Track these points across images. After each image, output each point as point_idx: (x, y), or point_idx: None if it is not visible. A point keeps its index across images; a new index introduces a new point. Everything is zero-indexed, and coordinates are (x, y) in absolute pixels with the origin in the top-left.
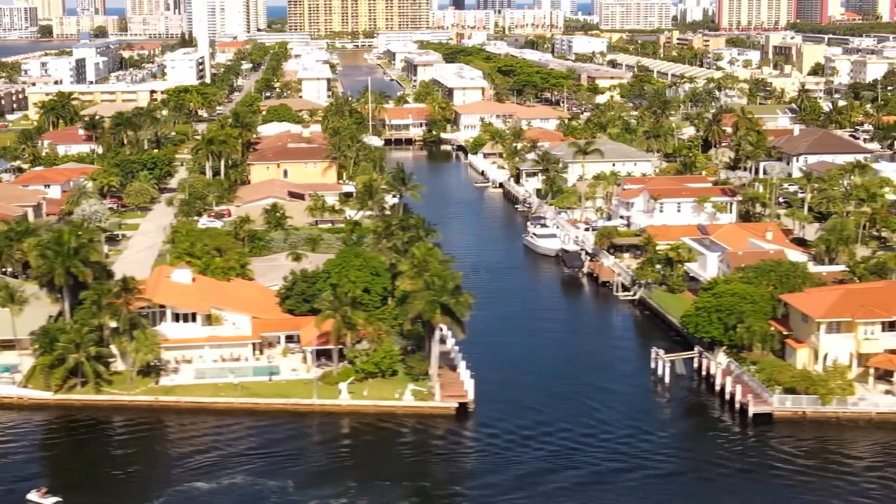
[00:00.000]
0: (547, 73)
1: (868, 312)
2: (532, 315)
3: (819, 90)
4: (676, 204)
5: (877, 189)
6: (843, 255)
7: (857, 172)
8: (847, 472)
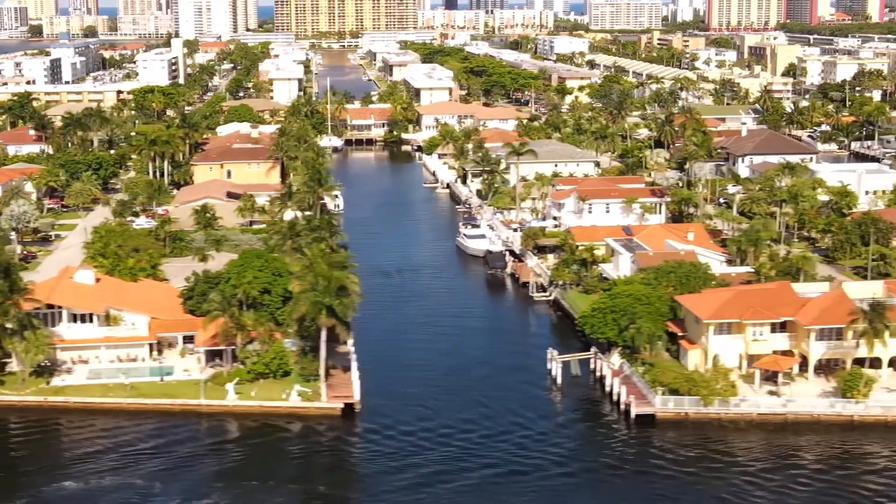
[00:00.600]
0: (517, 73)
1: (756, 314)
2: (444, 316)
3: (787, 90)
4: (605, 205)
5: (806, 190)
6: (751, 257)
7: (787, 173)
8: (724, 473)
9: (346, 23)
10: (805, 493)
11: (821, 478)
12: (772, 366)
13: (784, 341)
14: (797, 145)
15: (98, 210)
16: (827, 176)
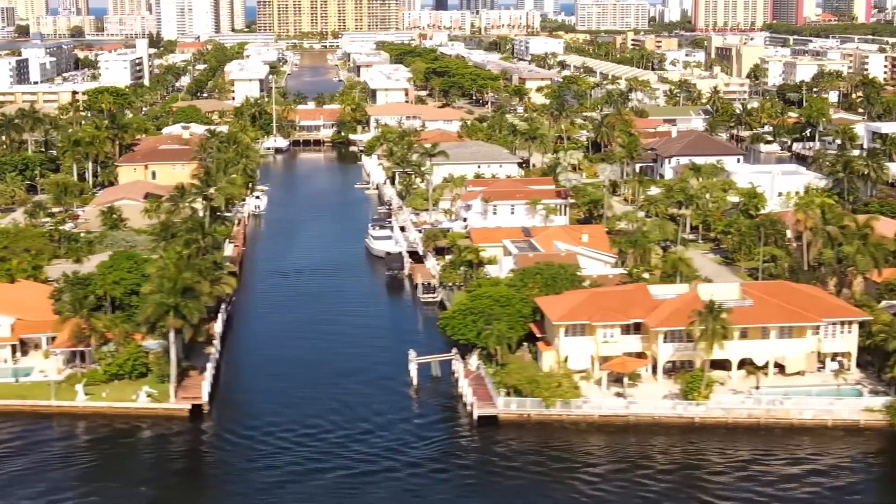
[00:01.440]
0: (477, 74)
1: (606, 315)
2: (330, 317)
3: (743, 91)
4: (510, 206)
5: (715, 192)
6: (631, 258)
7: (694, 175)
8: (560, 474)
9: (329, 23)
10: (641, 494)
11: (660, 478)
12: (619, 367)
13: (636, 343)
14: (725, 146)
15: (20, 211)
16: (744, 177)
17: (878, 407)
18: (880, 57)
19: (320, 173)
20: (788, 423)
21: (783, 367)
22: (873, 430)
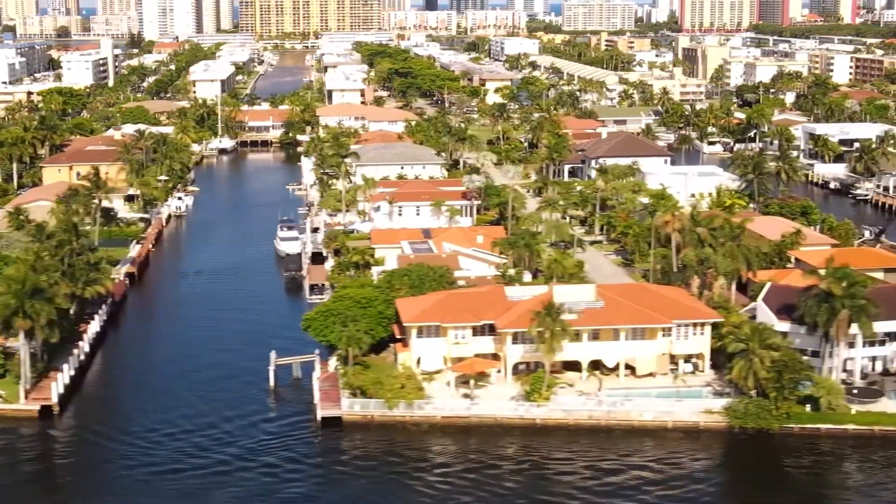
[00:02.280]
0: (436, 74)
1: (457, 317)
2: (214, 318)
3: (700, 92)
4: (416, 207)
5: (626, 193)
6: (510, 259)
7: (601, 177)
8: (398, 476)
9: (311, 23)
10: (476, 495)
11: (497, 479)
12: (467, 369)
13: (490, 344)
14: (651, 147)
15: None
16: (660, 178)
17: (717, 409)
18: (846, 58)
19: (261, 174)
20: (629, 425)
21: (635, 368)
22: (713, 432)
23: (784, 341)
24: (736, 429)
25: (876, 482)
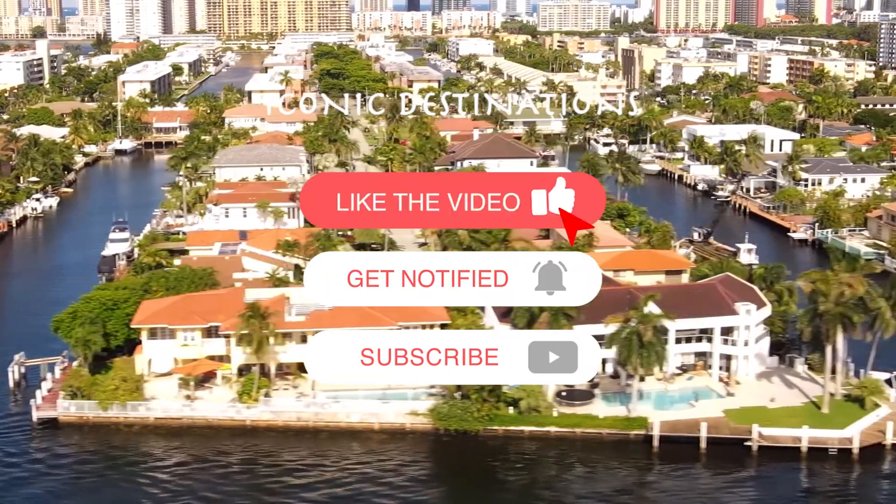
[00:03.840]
0: (362, 76)
1: (185, 319)
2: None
3: (621, 93)
4: (242, 209)
5: None
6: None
7: None
8: (107, 477)
9: (279, 24)
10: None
11: (204, 479)
12: (190, 371)
13: (222, 346)
14: (519, 149)
15: None
16: None
17: (422, 411)
18: (783, 59)
19: (150, 175)
20: (337, 427)
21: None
22: (418, 434)
23: None
24: (441, 430)
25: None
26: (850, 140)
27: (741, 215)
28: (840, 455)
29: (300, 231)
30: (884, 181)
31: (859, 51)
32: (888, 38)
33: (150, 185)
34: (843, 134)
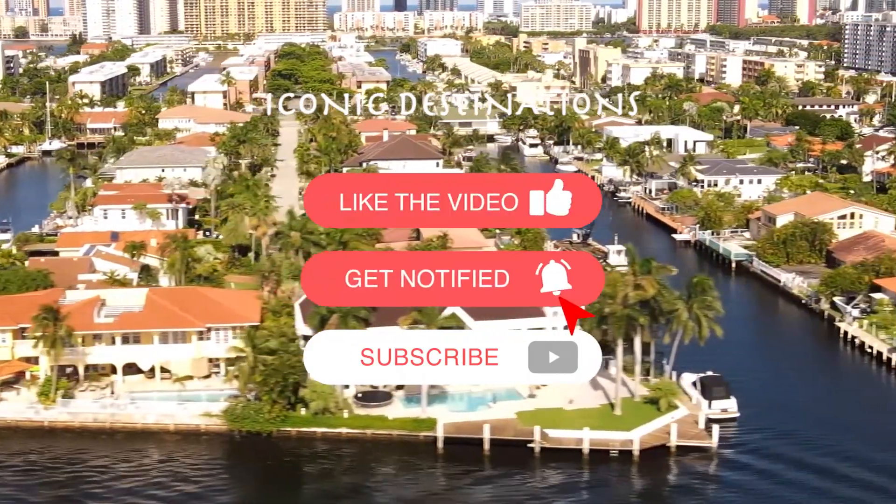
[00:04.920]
0: (311, 76)
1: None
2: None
3: (564, 94)
4: (121, 210)
5: None
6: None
7: None
8: None
9: (256, 24)
10: None
11: None
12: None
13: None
14: (424, 151)
15: None
16: None
17: (216, 412)
18: (738, 60)
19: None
20: (133, 428)
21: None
22: (213, 435)
23: (294, 345)
24: (235, 432)
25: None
26: (774, 141)
27: (639, 216)
28: (621, 457)
29: (190, 232)
30: (778, 183)
31: (828, 51)
32: (852, 40)
33: (60, 187)
34: (772, 134)
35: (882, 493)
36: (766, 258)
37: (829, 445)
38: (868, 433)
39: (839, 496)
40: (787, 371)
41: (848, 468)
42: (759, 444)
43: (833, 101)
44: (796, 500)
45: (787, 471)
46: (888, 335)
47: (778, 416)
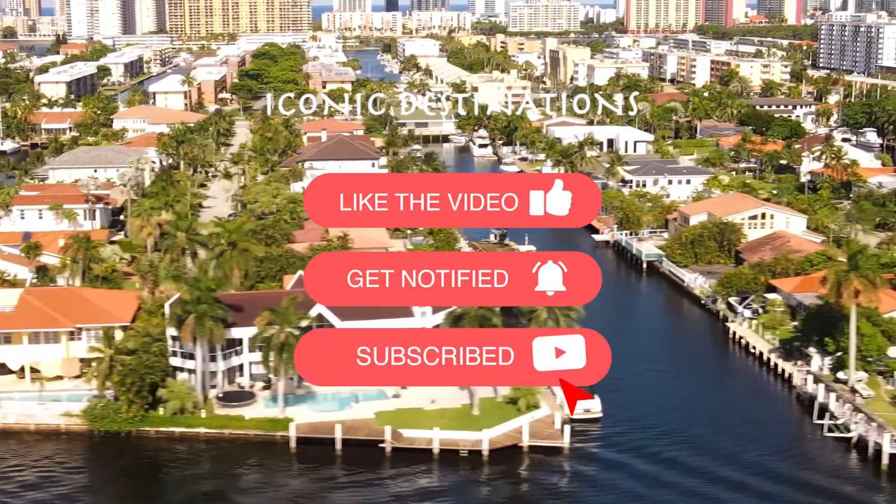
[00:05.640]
0: (275, 77)
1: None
2: None
3: (526, 94)
4: (38, 211)
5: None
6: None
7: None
8: None
9: (241, 25)
10: None
11: None
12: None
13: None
14: (361, 151)
15: None
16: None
17: (76, 412)
18: (706, 61)
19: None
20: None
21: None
22: (74, 434)
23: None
24: (95, 431)
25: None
26: (722, 141)
27: None
28: (472, 457)
29: (99, 232)
30: (706, 183)
31: (807, 52)
32: (828, 40)
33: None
34: (722, 135)
35: (740, 491)
36: (675, 258)
37: (686, 444)
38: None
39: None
40: (671, 372)
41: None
42: (612, 443)
43: (792, 102)
44: (644, 497)
45: (637, 469)
46: (774, 336)
47: (644, 415)
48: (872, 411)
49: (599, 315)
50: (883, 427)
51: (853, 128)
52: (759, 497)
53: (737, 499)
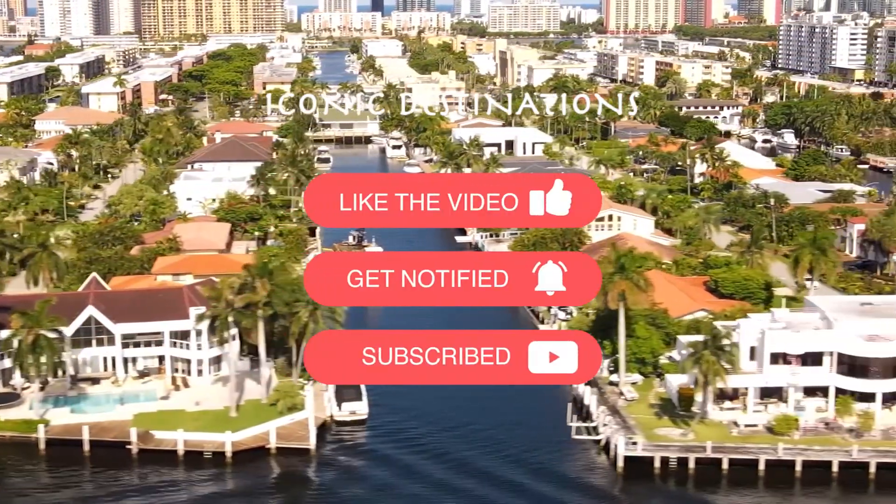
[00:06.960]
0: (214, 78)
1: None
2: None
3: (460, 95)
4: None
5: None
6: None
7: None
8: None
9: (214, 25)
10: None
11: None
12: None
13: None
14: (252, 153)
15: None
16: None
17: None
18: (652, 61)
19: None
20: None
21: None
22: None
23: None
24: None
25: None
26: (633, 142)
27: None
28: (215, 458)
29: None
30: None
31: (773, 52)
32: (786, 40)
33: None
34: (635, 136)
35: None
36: None
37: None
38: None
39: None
40: None
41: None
42: (362, 445)
43: (721, 103)
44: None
45: (377, 470)
46: None
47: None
48: (629, 414)
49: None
50: (631, 430)
51: (773, 129)
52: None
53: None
